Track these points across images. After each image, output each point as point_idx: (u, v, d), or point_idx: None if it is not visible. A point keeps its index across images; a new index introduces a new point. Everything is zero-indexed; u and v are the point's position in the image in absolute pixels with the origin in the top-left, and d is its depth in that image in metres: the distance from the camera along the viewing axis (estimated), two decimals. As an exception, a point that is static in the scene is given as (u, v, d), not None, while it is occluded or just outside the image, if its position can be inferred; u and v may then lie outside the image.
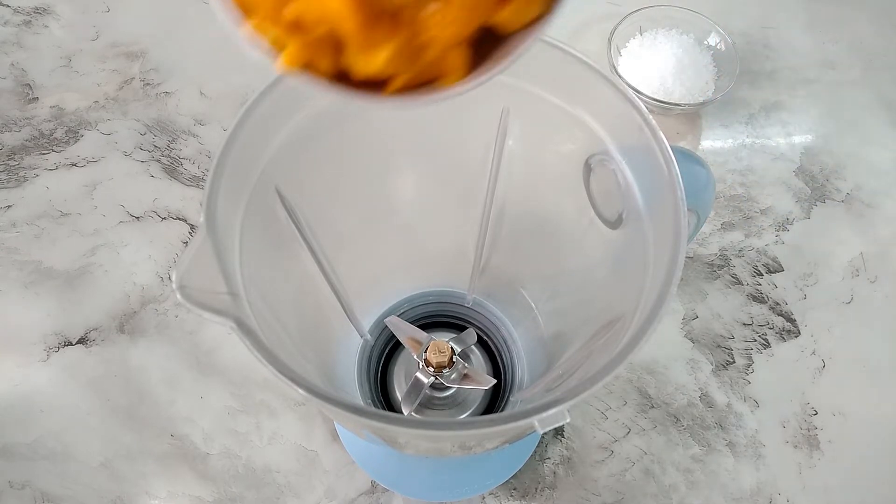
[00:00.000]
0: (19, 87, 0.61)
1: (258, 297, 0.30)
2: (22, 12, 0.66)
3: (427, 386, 0.39)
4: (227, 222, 0.29)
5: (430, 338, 0.40)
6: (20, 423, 0.45)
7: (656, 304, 0.25)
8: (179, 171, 0.56)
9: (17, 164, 0.56)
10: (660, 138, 0.28)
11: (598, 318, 0.34)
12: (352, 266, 0.41)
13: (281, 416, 0.46)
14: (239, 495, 0.43)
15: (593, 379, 0.24)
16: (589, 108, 0.32)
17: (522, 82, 0.34)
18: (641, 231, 0.30)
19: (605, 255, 0.35)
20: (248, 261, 0.30)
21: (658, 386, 0.47)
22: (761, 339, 0.49)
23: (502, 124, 0.36)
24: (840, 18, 0.68)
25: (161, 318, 0.49)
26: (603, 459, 0.44)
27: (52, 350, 0.48)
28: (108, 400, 0.46)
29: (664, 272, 0.26)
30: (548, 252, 0.42)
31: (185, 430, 0.45)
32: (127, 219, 0.53)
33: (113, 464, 0.44)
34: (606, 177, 0.32)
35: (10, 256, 0.51)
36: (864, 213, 0.55)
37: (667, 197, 0.28)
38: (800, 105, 0.62)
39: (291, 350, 0.32)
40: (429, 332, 0.42)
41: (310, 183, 0.36)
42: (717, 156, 0.58)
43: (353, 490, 0.43)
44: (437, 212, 0.42)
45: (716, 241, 0.53)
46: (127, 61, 0.63)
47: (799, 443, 0.45)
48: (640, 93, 0.56)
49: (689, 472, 0.44)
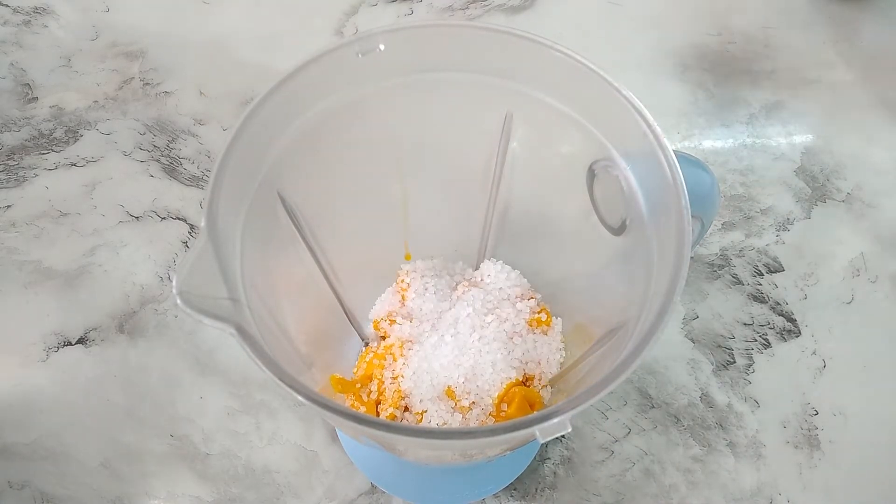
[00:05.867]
0: (19, 86, 0.60)
1: (259, 301, 0.29)
2: (21, 12, 0.65)
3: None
4: (229, 226, 0.29)
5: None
6: (20, 423, 0.45)
7: (660, 313, 0.25)
8: (179, 171, 0.56)
9: (17, 164, 0.56)
10: (664, 144, 0.28)
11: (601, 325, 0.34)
12: (354, 270, 0.41)
13: (281, 416, 0.46)
14: (239, 495, 0.43)
15: (595, 389, 0.24)
16: (593, 113, 0.32)
17: (526, 87, 0.34)
18: (645, 238, 0.30)
19: (608, 261, 0.35)
20: (249, 265, 0.30)
21: (658, 386, 0.47)
22: (762, 339, 0.49)
23: (506, 128, 0.36)
24: (840, 18, 0.68)
25: (161, 318, 0.49)
26: (603, 460, 0.45)
27: (52, 350, 0.48)
28: (108, 400, 0.46)
29: (668, 280, 0.26)
30: (550, 257, 0.42)
31: (185, 430, 0.45)
32: (126, 219, 0.53)
33: (113, 464, 0.44)
34: (610, 183, 0.32)
35: (9, 256, 0.51)
36: (864, 212, 0.55)
37: (671, 204, 0.27)
38: (800, 105, 0.61)
39: (292, 355, 0.32)
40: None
41: (312, 186, 0.36)
42: (718, 155, 0.58)
43: (353, 490, 0.43)
44: (440, 215, 0.42)
45: (716, 241, 0.53)
46: (126, 61, 0.62)
47: (799, 443, 0.45)
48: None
49: (690, 472, 0.44)
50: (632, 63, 0.64)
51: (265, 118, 0.30)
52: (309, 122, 0.33)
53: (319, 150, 0.35)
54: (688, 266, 0.26)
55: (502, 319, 0.39)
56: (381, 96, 0.35)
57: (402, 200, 0.41)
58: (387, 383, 0.39)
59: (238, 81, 0.61)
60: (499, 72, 0.34)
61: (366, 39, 0.32)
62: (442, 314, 0.40)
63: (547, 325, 0.40)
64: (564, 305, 0.41)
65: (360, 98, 0.34)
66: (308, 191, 0.35)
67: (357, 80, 0.34)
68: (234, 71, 0.62)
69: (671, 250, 0.27)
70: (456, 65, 0.34)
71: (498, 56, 0.33)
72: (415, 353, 0.39)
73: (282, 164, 0.33)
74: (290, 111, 0.32)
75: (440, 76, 0.35)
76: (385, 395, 0.39)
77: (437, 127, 0.37)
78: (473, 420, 0.37)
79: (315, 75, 0.32)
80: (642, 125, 0.29)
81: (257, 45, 0.64)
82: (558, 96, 0.33)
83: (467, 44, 0.33)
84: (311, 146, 0.34)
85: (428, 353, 0.38)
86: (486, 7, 0.68)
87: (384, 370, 0.39)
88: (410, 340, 0.40)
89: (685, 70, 0.63)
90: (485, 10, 0.67)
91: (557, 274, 0.41)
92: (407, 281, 0.42)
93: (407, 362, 0.39)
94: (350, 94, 0.34)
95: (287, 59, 0.55)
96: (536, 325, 0.40)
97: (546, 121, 0.34)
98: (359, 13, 0.67)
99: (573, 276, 0.41)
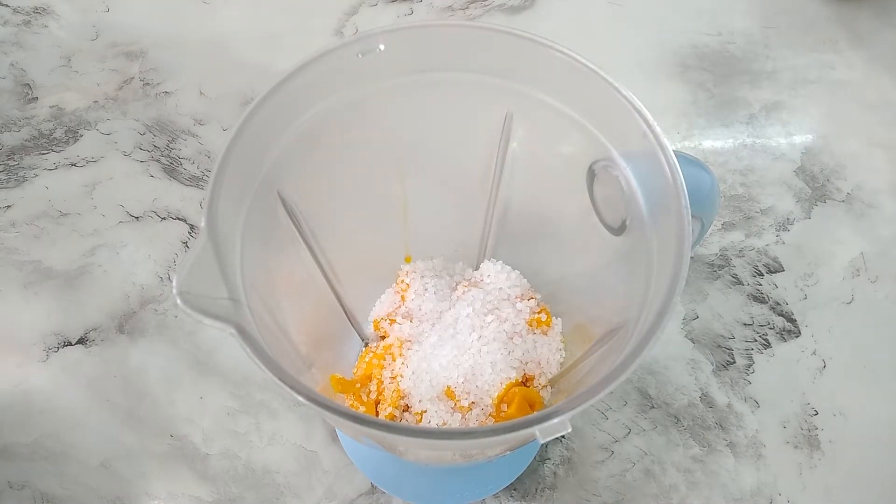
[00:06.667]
0: (19, 86, 0.60)
1: (259, 301, 0.29)
2: (21, 12, 0.65)
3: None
4: (229, 227, 0.29)
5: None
6: (20, 423, 0.45)
7: (660, 313, 0.25)
8: (179, 171, 0.56)
9: (17, 164, 0.56)
10: (664, 144, 0.28)
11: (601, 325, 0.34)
12: (354, 270, 0.41)
13: (281, 416, 0.46)
14: (239, 496, 0.43)
15: (595, 389, 0.24)
16: (593, 113, 0.32)
17: (526, 87, 0.34)
18: (645, 238, 0.30)
19: (608, 261, 0.35)
20: (249, 265, 0.30)
21: (658, 386, 0.47)
22: (762, 339, 0.49)
23: (506, 128, 0.36)
24: (840, 18, 0.68)
25: (161, 318, 0.49)
26: (603, 460, 0.45)
27: (52, 350, 0.48)
28: (108, 400, 0.46)
29: (668, 280, 0.26)
30: (550, 257, 0.41)
31: (185, 430, 0.45)
32: (126, 219, 0.53)
33: (112, 464, 0.44)
34: (610, 183, 0.32)
35: (9, 256, 0.51)
36: (864, 212, 0.55)
37: (671, 204, 0.27)
38: (800, 105, 0.61)
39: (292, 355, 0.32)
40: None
41: (312, 186, 0.36)
42: (718, 156, 0.58)
43: (353, 491, 0.43)
44: (440, 215, 0.42)
45: (716, 241, 0.53)
46: (126, 61, 0.62)
47: (799, 443, 0.45)
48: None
49: (690, 472, 0.44)
50: (632, 63, 0.64)
51: (265, 118, 0.30)
52: (309, 122, 0.33)
53: (319, 150, 0.35)
54: (688, 266, 0.26)
55: (502, 319, 0.39)
56: (381, 96, 0.35)
57: (402, 200, 0.41)
58: (386, 383, 0.39)
59: (238, 81, 0.61)
60: (499, 72, 0.34)
61: (366, 39, 0.32)
62: (442, 314, 0.40)
63: (547, 325, 0.40)
64: (564, 305, 0.41)
65: (360, 98, 0.34)
66: (308, 191, 0.35)
67: (357, 80, 0.34)
68: (234, 71, 0.62)
69: (671, 250, 0.27)
70: (456, 65, 0.34)
71: (498, 56, 0.33)
72: (414, 353, 0.39)
73: (282, 164, 0.33)
74: (290, 111, 0.32)
75: (440, 76, 0.35)
76: (384, 395, 0.39)
77: (437, 127, 0.37)
78: (473, 420, 0.37)
79: (315, 75, 0.32)
80: (642, 125, 0.29)
81: (257, 45, 0.64)
82: (558, 96, 0.33)
83: (467, 44, 0.33)
84: (311, 146, 0.34)
85: (427, 353, 0.38)
86: (486, 7, 0.68)
87: (383, 370, 0.39)
88: (410, 340, 0.40)
89: (685, 70, 0.63)
90: (485, 10, 0.67)
91: (557, 274, 0.41)
92: (407, 281, 0.42)
93: (406, 362, 0.39)
94: (350, 94, 0.34)
95: (287, 59, 0.55)
96: (536, 326, 0.40)
97: (546, 121, 0.34)
98: (359, 13, 0.67)
99: (573, 276, 0.41)
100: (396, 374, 0.39)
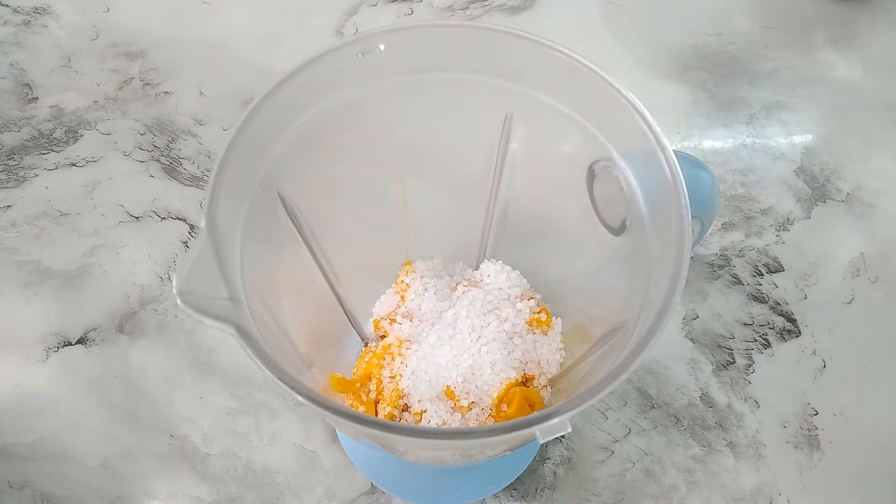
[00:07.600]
0: (19, 86, 0.60)
1: (259, 301, 0.29)
2: (21, 12, 0.65)
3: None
4: (229, 227, 0.29)
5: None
6: (20, 423, 0.45)
7: (660, 313, 0.25)
8: (179, 171, 0.56)
9: (17, 164, 0.56)
10: (664, 144, 0.28)
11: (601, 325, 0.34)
12: (354, 270, 0.41)
13: (281, 416, 0.46)
14: (239, 496, 0.43)
15: (595, 389, 0.23)
16: (593, 113, 0.32)
17: (526, 87, 0.34)
18: (645, 238, 0.30)
19: (608, 261, 0.35)
20: (249, 265, 0.30)
21: (658, 386, 0.47)
22: (762, 339, 0.49)
23: (506, 129, 0.36)
24: (840, 18, 0.68)
25: (160, 318, 0.49)
26: (603, 460, 0.45)
27: (52, 350, 0.48)
28: (108, 400, 0.46)
29: (668, 280, 0.26)
30: (550, 257, 0.41)
31: (185, 430, 0.45)
32: (126, 219, 0.53)
33: (112, 464, 0.44)
34: (610, 183, 0.32)
35: (9, 256, 0.51)
36: (864, 212, 0.55)
37: (671, 204, 0.27)
38: (800, 105, 0.61)
39: (292, 355, 0.32)
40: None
41: (312, 186, 0.36)
42: (718, 156, 0.58)
43: (353, 491, 0.43)
44: (440, 215, 0.42)
45: (716, 241, 0.53)
46: (126, 61, 0.62)
47: (799, 443, 0.45)
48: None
49: (690, 472, 0.44)
50: (632, 63, 0.64)
51: (265, 118, 0.30)
52: (309, 122, 0.33)
53: (319, 151, 0.35)
54: (688, 266, 0.26)
55: (502, 319, 0.39)
56: (381, 96, 0.35)
57: (402, 200, 0.41)
58: (385, 383, 0.39)
59: (238, 81, 0.61)
60: (499, 72, 0.34)
61: (366, 39, 0.32)
62: (441, 314, 0.40)
63: (547, 325, 0.40)
64: (564, 305, 0.41)
65: (361, 98, 0.34)
66: (308, 191, 0.35)
67: (357, 80, 0.34)
68: (234, 71, 0.62)
69: (671, 250, 0.27)
70: (456, 65, 0.34)
71: (498, 56, 0.33)
72: (413, 353, 0.39)
73: (282, 164, 0.33)
74: (290, 111, 0.32)
75: (440, 76, 0.35)
76: (384, 395, 0.39)
77: (437, 127, 0.37)
78: (473, 420, 0.37)
79: (315, 75, 0.32)
80: (642, 125, 0.29)
81: (257, 45, 0.64)
82: (558, 96, 0.33)
83: (467, 44, 0.33)
84: (311, 146, 0.34)
85: (427, 353, 0.38)
86: (486, 7, 0.68)
87: (383, 369, 0.39)
88: (409, 340, 0.40)
89: (685, 70, 0.63)
90: (485, 10, 0.67)
91: (557, 274, 0.41)
92: (407, 281, 0.42)
93: (405, 362, 0.39)
94: (350, 94, 0.34)
95: (287, 59, 0.55)
96: (536, 326, 0.40)
97: (546, 121, 0.34)
98: (359, 13, 0.67)
99: (573, 276, 0.41)
100: (396, 374, 0.39)
